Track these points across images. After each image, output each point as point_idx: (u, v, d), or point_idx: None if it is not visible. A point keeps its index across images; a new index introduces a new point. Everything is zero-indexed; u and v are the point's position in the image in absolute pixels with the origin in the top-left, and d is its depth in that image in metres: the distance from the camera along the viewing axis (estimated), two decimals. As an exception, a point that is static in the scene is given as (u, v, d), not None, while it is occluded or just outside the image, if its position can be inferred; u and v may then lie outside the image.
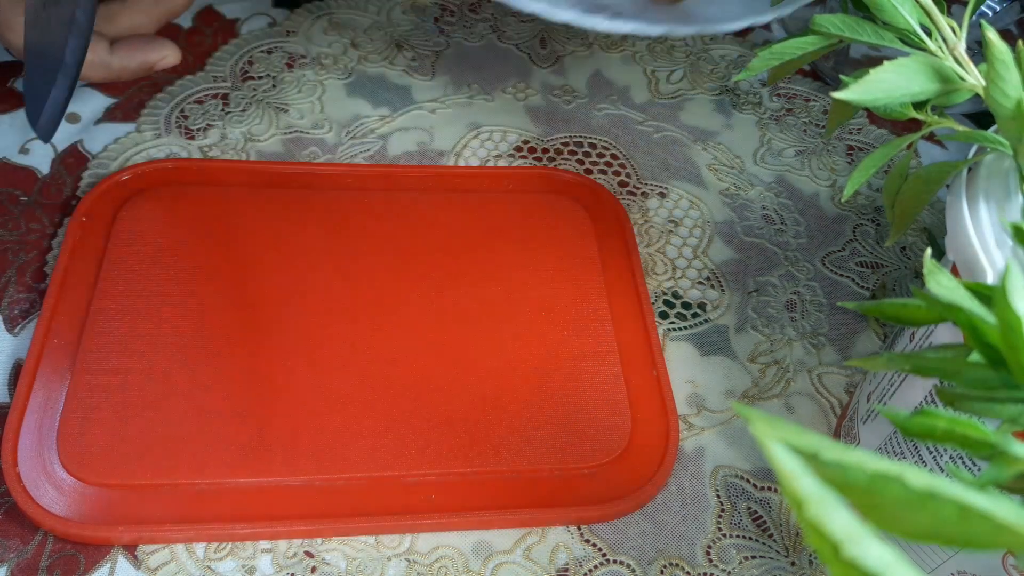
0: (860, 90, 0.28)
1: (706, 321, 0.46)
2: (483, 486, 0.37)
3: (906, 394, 0.33)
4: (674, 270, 0.47)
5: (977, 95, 0.29)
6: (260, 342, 0.40)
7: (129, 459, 0.36)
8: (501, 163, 0.51)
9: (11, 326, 0.41)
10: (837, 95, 0.27)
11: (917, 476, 0.12)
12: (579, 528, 0.37)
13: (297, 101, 0.53)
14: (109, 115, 0.51)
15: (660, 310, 0.46)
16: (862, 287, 0.48)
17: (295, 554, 0.36)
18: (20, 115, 0.50)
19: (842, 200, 0.51)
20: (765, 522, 0.38)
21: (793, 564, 0.37)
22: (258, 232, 0.44)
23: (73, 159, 0.48)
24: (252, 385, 0.39)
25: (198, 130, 0.50)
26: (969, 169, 0.31)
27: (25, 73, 0.44)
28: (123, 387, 0.38)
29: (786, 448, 0.12)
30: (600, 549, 0.37)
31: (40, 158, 0.48)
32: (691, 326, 0.45)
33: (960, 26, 0.29)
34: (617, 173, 0.52)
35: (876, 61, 0.28)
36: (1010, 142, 0.27)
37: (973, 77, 0.29)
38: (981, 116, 0.56)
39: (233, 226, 0.45)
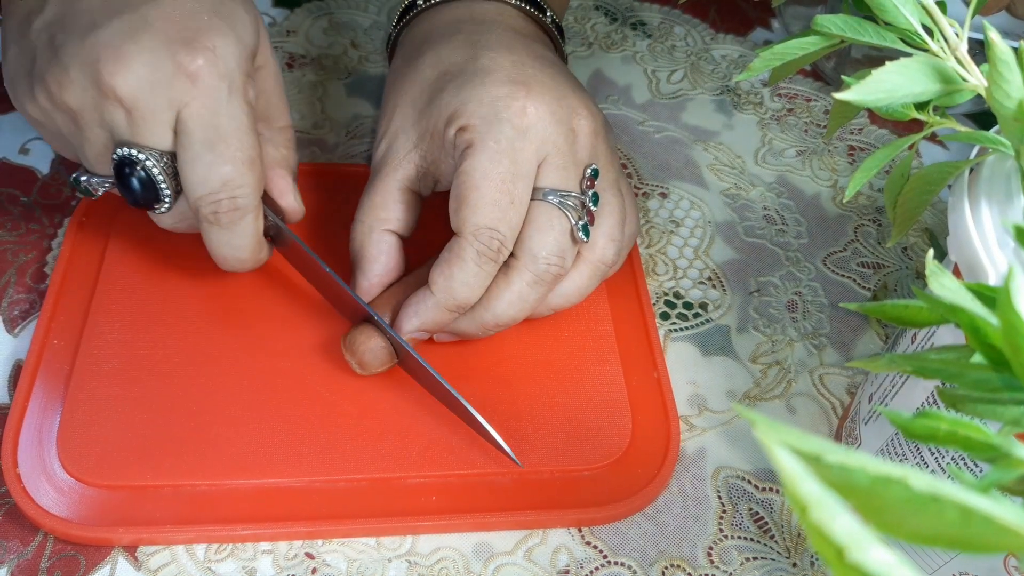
0: (862, 90, 0.27)
1: (707, 321, 0.45)
2: (484, 488, 0.37)
3: (908, 395, 0.33)
4: (675, 270, 0.47)
5: (979, 95, 0.29)
6: (260, 343, 0.40)
7: (129, 460, 0.36)
8: (502, 163, 0.51)
9: (11, 327, 0.41)
10: (839, 95, 0.27)
11: (919, 479, 0.12)
12: (580, 530, 0.37)
13: (297, 101, 0.53)
14: (109, 115, 0.50)
15: (661, 311, 0.46)
16: (864, 288, 0.48)
17: (296, 555, 0.36)
18: (20, 115, 0.50)
19: (844, 200, 0.51)
20: (767, 523, 0.38)
21: (795, 565, 0.37)
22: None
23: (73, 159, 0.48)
24: (252, 386, 0.39)
25: (198, 130, 0.50)
26: (971, 170, 0.31)
27: None
28: (123, 388, 0.38)
29: (790, 451, 0.12)
30: (601, 551, 0.37)
31: (40, 158, 0.48)
32: (692, 326, 0.45)
33: (962, 26, 0.29)
34: (618, 173, 0.52)
35: (878, 61, 0.28)
36: (1012, 143, 0.27)
37: (975, 78, 0.29)
38: (983, 116, 0.56)
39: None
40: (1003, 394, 0.20)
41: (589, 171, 0.39)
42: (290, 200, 0.41)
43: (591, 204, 0.39)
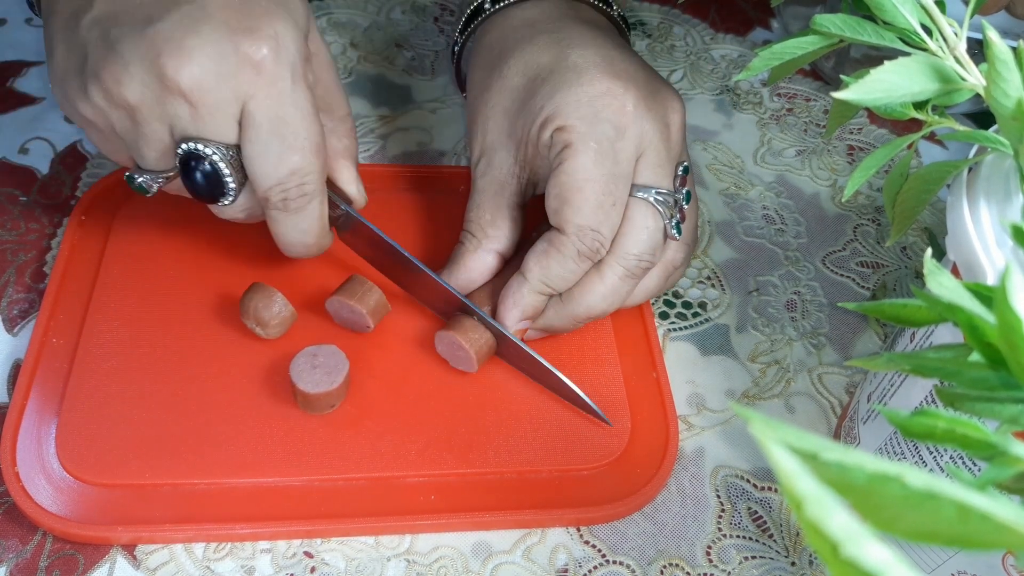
0: (861, 90, 0.27)
1: (706, 321, 0.45)
2: (483, 487, 0.37)
3: (906, 394, 0.33)
4: (674, 270, 0.47)
5: (978, 95, 0.29)
6: (259, 341, 0.40)
7: (128, 459, 0.36)
8: (501, 163, 0.51)
9: (10, 326, 0.41)
10: (838, 95, 0.27)
11: (917, 476, 0.12)
12: (579, 529, 0.37)
13: (297, 101, 0.53)
14: (109, 115, 0.50)
15: (660, 310, 0.46)
16: (863, 287, 0.48)
17: (294, 554, 0.36)
18: (20, 115, 0.50)
19: (843, 200, 0.51)
20: (765, 522, 0.38)
21: (793, 564, 0.37)
22: (257, 231, 0.44)
23: (72, 159, 0.48)
24: (251, 385, 0.39)
25: (198, 130, 0.50)
26: (970, 169, 0.31)
27: None
28: (122, 387, 0.38)
29: (786, 449, 0.12)
30: (600, 550, 0.37)
31: (39, 158, 0.48)
32: (691, 326, 0.45)
33: (961, 26, 0.29)
34: (617, 173, 0.52)
35: (877, 61, 0.28)
36: (1011, 142, 0.27)
37: (974, 77, 0.29)
38: (982, 116, 0.56)
39: (232, 225, 0.44)
40: (1001, 392, 0.20)
41: (681, 168, 0.40)
42: (353, 190, 0.41)
43: (684, 202, 0.40)
